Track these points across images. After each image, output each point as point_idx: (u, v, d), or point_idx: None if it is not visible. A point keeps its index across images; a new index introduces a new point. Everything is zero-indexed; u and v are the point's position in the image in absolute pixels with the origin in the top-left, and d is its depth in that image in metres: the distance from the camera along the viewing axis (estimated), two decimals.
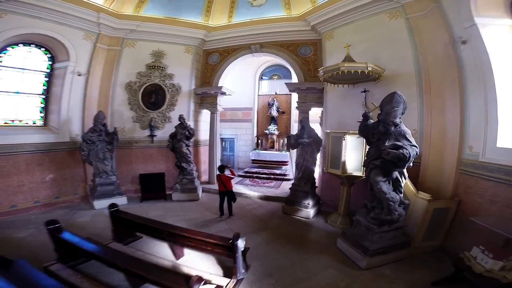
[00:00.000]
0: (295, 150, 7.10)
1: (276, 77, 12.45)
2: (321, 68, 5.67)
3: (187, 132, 7.64)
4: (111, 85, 8.02)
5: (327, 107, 7.19)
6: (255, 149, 11.72)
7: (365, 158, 4.50)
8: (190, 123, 8.69)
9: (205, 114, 9.57)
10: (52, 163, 6.97)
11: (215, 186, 8.53)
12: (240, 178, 10.28)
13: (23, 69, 6.64)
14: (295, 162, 6.79)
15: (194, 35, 8.64)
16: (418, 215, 4.26)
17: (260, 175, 10.37)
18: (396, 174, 3.93)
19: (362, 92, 6.14)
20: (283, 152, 11.24)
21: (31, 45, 6.72)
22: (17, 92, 6.62)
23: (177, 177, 7.95)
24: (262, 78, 12.60)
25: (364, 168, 4.64)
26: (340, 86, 6.55)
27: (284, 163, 11.17)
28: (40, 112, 7.12)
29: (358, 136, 5.00)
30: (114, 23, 7.57)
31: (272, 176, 10.22)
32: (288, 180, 9.87)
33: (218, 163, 9.23)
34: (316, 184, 6.86)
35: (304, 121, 6.53)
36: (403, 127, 3.84)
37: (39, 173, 6.76)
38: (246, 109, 12.24)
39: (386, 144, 3.76)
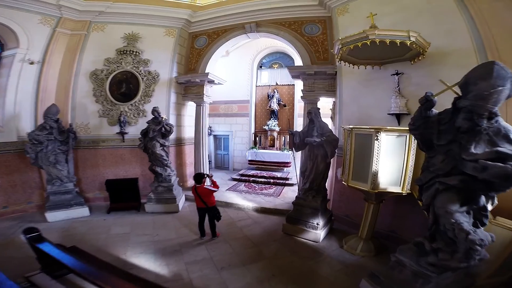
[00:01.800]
0: (299, 152, 5.74)
1: (276, 66, 11.03)
2: (339, 40, 4.14)
3: (163, 129, 6.22)
4: (72, 74, 6.81)
5: (342, 96, 5.69)
6: (252, 147, 10.28)
7: (418, 169, 3.06)
8: (171, 117, 7.37)
9: (191, 107, 8.20)
10: None
11: None
12: (234, 183, 8.86)
13: None
14: (300, 169, 5.32)
15: (177, 15, 7.41)
16: (494, 248, 2.78)
17: (257, 179, 8.94)
18: (483, 200, 2.41)
19: (394, 75, 4.70)
20: (285, 152, 9.78)
21: None
22: None
23: (150, 184, 6.53)
24: (261, 67, 11.16)
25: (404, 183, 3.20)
26: (361, 68, 5.08)
27: (286, 164, 9.71)
28: None
29: (399, 134, 3.65)
30: (80, 5, 6.61)
31: (272, 181, 8.77)
32: (291, 185, 8.44)
33: (206, 165, 7.81)
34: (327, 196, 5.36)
35: (313, 112, 4.97)
36: (503, 122, 2.30)
37: None
38: (242, 102, 10.80)
39: (473, 149, 2.20)
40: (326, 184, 5.23)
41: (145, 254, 4.35)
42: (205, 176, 4.97)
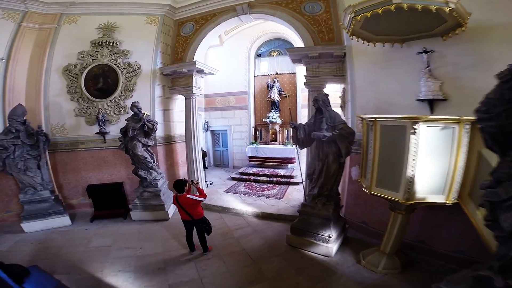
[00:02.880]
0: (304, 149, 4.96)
1: (275, 54, 10.19)
2: (350, 7, 3.27)
3: (145, 126, 5.50)
4: (43, 71, 6.15)
5: (354, 81, 4.84)
6: (252, 143, 9.52)
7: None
8: (157, 112, 6.67)
9: (181, 101, 7.42)
10: None
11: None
12: (233, 183, 8.15)
13: None
14: (306, 170, 4.53)
15: (159, 1, 6.68)
16: None
17: (258, 178, 8.20)
18: None
19: (421, 53, 3.84)
20: (289, 146, 9.00)
21: None
22: None
23: (135, 189, 5.86)
24: (259, 56, 10.31)
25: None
26: (376, 47, 4.22)
27: (290, 160, 8.95)
28: None
29: (445, 125, 2.78)
30: None
31: (275, 179, 8.02)
32: (296, 184, 7.69)
33: (200, 164, 7.10)
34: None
35: (320, 100, 4.07)
36: None
37: None
38: (240, 93, 10.01)
39: None
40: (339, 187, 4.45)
41: (124, 272, 3.74)
42: (188, 183, 4.20)
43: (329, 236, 3.94)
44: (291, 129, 9.00)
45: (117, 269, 3.79)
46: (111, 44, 6.36)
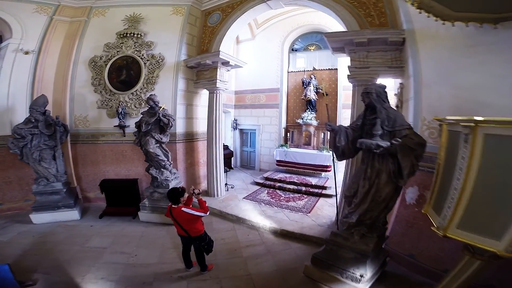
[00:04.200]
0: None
1: (313, 48, 9.19)
2: None
3: (162, 121, 5.14)
4: (71, 62, 6.29)
5: (420, 73, 3.67)
6: (282, 145, 8.70)
7: None
8: (179, 107, 6.33)
9: (206, 96, 7.00)
10: None
11: (214, 201, 6.10)
12: (255, 188, 7.46)
13: None
14: (344, 191, 3.59)
15: None
16: None
17: (285, 186, 7.37)
18: None
19: None
20: (324, 152, 7.97)
21: None
22: None
23: (145, 189, 5.55)
24: (293, 50, 9.44)
25: None
26: (456, 28, 3.06)
27: (324, 168, 7.93)
28: None
29: None
30: None
31: (304, 189, 7.10)
32: (329, 196, 6.68)
33: (221, 165, 6.57)
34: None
35: (374, 92, 3.03)
36: None
37: None
38: (271, 90, 9.28)
39: None
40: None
41: (106, 281, 3.36)
42: (187, 192, 3.55)
43: (361, 276, 2.99)
44: (329, 133, 8.17)
45: (101, 276, 3.42)
46: (135, 35, 6.25)
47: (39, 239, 4.41)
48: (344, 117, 7.99)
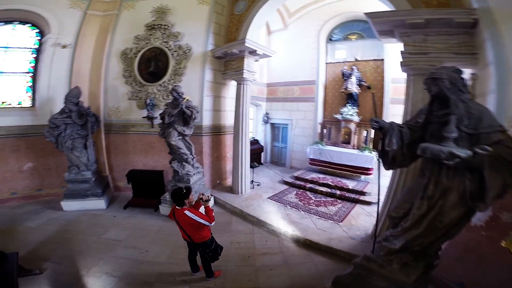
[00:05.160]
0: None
1: (354, 37, 8.21)
2: None
3: (185, 113, 5.00)
4: (104, 55, 6.52)
5: (507, 59, 2.75)
6: (316, 142, 8.00)
7: None
8: (206, 99, 6.18)
9: (234, 87, 6.69)
10: (30, 149, 5.94)
11: (237, 200, 5.83)
12: (283, 187, 6.97)
13: (6, 47, 5.88)
14: (391, 209, 2.75)
15: None
16: None
17: (316, 187, 6.73)
18: None
19: None
20: (366, 153, 7.09)
21: (14, 23, 5.94)
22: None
23: (167, 182, 5.50)
24: (330, 40, 8.54)
25: None
26: None
27: (365, 171, 7.07)
28: (27, 92, 6.07)
29: None
30: None
31: (338, 193, 6.39)
32: (367, 203, 5.89)
33: (246, 161, 6.26)
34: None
35: (447, 79, 2.18)
36: None
37: (14, 161, 5.81)
38: (306, 83, 8.58)
39: None
40: None
41: (109, 276, 3.29)
42: (187, 194, 3.14)
43: None
44: (374, 131, 7.26)
45: (106, 270, 3.39)
46: (163, 26, 6.22)
47: (63, 227, 4.63)
48: (392, 114, 6.97)
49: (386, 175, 7.04)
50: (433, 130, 2.33)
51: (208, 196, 3.24)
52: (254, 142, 9.05)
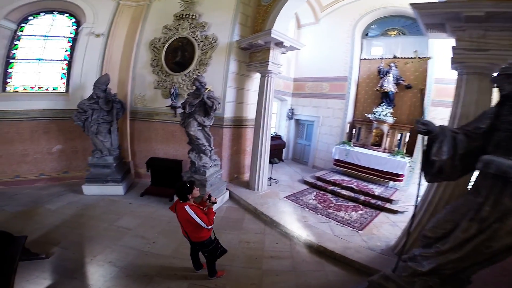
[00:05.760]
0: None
1: (394, 33, 7.52)
2: None
3: (206, 103, 4.94)
4: (134, 45, 6.71)
5: None
6: (344, 142, 7.53)
7: None
8: (229, 91, 6.10)
9: (258, 80, 6.49)
10: (60, 132, 6.29)
11: (252, 196, 5.75)
12: (303, 187, 6.69)
13: (46, 36, 6.27)
14: (429, 229, 2.30)
15: None
16: None
17: (339, 190, 6.34)
18: None
19: None
20: (398, 158, 6.51)
21: (54, 12, 6.34)
22: (39, 59, 6.22)
23: (183, 173, 5.51)
24: (366, 35, 7.90)
25: None
26: None
27: (394, 177, 6.52)
28: (62, 79, 6.43)
29: None
30: None
31: (362, 198, 5.95)
32: (393, 212, 5.42)
33: (266, 156, 6.10)
34: None
35: None
36: None
37: (45, 143, 6.19)
38: (337, 79, 8.06)
39: None
40: None
41: (112, 266, 3.32)
42: (191, 189, 2.90)
43: None
44: (409, 135, 6.75)
45: (110, 259, 3.42)
46: (191, 16, 6.21)
47: (80, 211, 4.80)
48: (433, 117, 6.28)
49: (418, 183, 6.44)
50: (500, 139, 1.93)
51: (215, 199, 3.06)
52: (276, 137, 8.81)
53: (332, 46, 8.10)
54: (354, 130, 7.81)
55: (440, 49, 6.07)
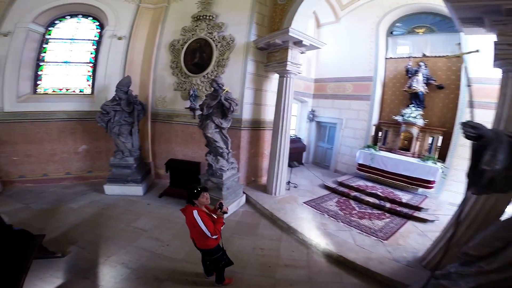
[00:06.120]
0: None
1: (422, 31, 7.07)
2: None
3: (224, 104, 4.88)
4: (155, 47, 6.85)
5: None
6: (369, 146, 7.14)
7: None
8: (247, 92, 6.04)
9: (277, 81, 6.35)
10: (86, 132, 6.56)
11: (269, 201, 5.64)
12: (323, 193, 6.42)
13: (72, 39, 6.59)
14: (470, 246, 2.11)
15: None
16: None
17: (363, 197, 5.99)
18: None
19: None
20: (429, 163, 6.04)
21: (78, 16, 6.64)
22: (66, 62, 6.55)
23: (200, 175, 5.49)
24: (391, 34, 7.52)
25: None
26: None
27: (424, 183, 6.06)
28: (87, 81, 6.75)
29: None
30: None
31: (388, 206, 5.57)
32: (423, 221, 5.02)
33: (284, 160, 5.93)
34: None
35: None
36: None
37: (72, 143, 6.49)
38: (361, 79, 7.70)
39: None
40: None
41: (124, 267, 3.32)
42: (197, 194, 2.72)
43: None
44: (441, 138, 6.35)
45: (123, 260, 3.43)
46: (208, 17, 6.23)
47: (100, 210, 4.93)
48: (467, 119, 5.76)
49: (451, 190, 5.91)
50: None
51: (227, 208, 2.89)
52: (296, 140, 8.59)
53: (355, 45, 7.78)
54: (380, 133, 7.39)
55: (475, 46, 5.57)
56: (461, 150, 5.84)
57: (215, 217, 2.82)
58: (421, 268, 3.47)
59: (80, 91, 6.65)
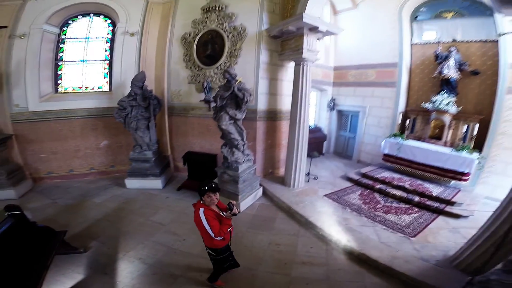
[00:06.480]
0: None
1: (450, 15, 6.41)
2: None
3: (237, 95, 4.77)
4: (167, 41, 6.82)
5: None
6: (395, 135, 6.69)
7: None
8: (261, 82, 5.87)
9: (292, 69, 6.08)
10: (106, 128, 6.75)
11: (287, 193, 5.50)
12: (346, 185, 6.14)
13: (87, 38, 6.73)
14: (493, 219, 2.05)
15: None
16: None
17: (389, 190, 5.64)
18: None
19: None
20: (463, 153, 5.52)
21: (90, 15, 6.73)
22: (83, 61, 6.74)
23: (216, 168, 5.44)
24: (415, 19, 6.88)
25: None
26: None
27: (458, 175, 5.57)
28: (105, 78, 6.91)
29: None
30: None
31: (416, 199, 5.19)
32: (455, 217, 4.62)
33: (303, 151, 5.72)
34: None
35: None
36: None
37: (94, 139, 6.72)
38: (384, 65, 7.17)
39: None
40: None
41: (141, 263, 3.36)
42: (204, 191, 2.57)
43: None
44: (478, 126, 5.83)
45: (141, 255, 3.48)
46: (217, 8, 6.05)
47: (121, 204, 5.07)
48: (510, 107, 5.25)
49: (488, 183, 5.40)
50: None
51: (237, 210, 2.69)
52: (316, 129, 8.29)
53: (376, 31, 7.28)
54: (407, 121, 6.89)
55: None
56: (501, 138, 5.28)
57: (224, 215, 2.65)
58: (451, 268, 3.17)
59: (99, 88, 6.84)
